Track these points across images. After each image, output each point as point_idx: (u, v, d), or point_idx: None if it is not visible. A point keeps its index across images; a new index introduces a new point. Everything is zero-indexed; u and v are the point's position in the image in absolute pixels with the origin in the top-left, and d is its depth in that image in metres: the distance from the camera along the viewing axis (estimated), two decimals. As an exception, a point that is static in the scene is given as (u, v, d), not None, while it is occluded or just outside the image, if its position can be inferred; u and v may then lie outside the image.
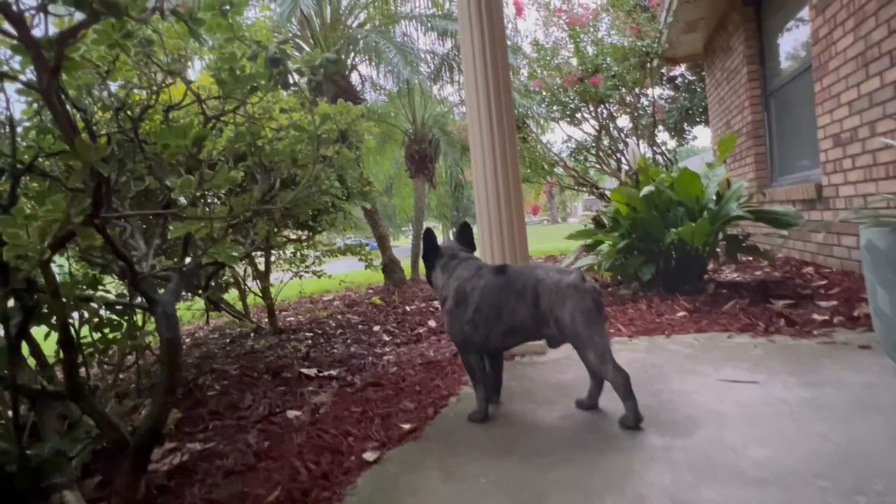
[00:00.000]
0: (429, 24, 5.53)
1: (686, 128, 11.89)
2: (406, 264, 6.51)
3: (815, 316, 2.73)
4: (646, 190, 3.67)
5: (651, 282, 3.76)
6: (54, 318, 1.43)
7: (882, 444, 1.37)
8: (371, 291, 6.18)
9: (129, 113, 1.63)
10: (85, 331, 1.72)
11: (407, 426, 1.80)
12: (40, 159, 1.37)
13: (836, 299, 3.01)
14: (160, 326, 1.63)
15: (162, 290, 1.79)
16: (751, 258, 4.77)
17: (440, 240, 2.05)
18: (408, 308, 4.70)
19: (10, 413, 1.41)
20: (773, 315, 2.83)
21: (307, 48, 5.28)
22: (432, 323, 3.92)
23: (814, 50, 4.15)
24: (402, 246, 13.19)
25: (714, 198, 3.73)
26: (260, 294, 4.26)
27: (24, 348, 1.54)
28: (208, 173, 1.55)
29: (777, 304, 3.07)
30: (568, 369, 2.32)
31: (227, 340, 4.08)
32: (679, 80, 12.03)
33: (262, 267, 4.11)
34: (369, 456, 1.59)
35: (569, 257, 4.89)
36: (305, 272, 4.22)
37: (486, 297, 1.79)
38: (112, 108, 1.56)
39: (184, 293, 3.27)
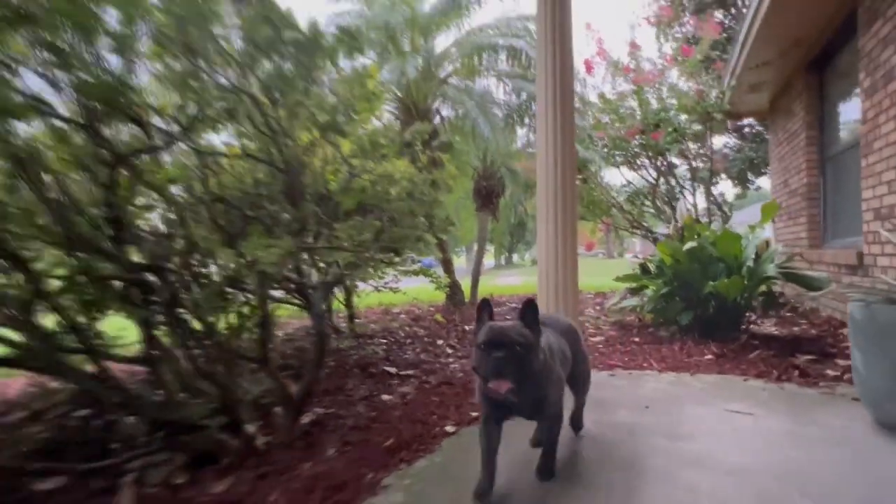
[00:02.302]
0: (505, 81, 6.29)
1: (750, 177, 11.97)
2: (465, 284, 7.19)
3: (829, 371, 3.13)
4: (689, 245, 4.16)
5: (688, 326, 4.21)
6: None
7: (830, 466, 1.87)
8: (433, 309, 6.88)
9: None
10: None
11: (475, 413, 2.43)
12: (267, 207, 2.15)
13: (853, 359, 3.37)
14: (315, 323, 2.36)
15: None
16: (791, 314, 5.08)
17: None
18: (466, 327, 5.34)
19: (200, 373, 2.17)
20: (790, 367, 3.25)
21: (398, 93, 6.18)
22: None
23: (862, 129, 4.52)
24: (457, 267, 13.97)
25: (753, 257, 4.16)
26: (343, 301, 5.04)
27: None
28: (361, 221, 2.29)
29: (800, 358, 3.47)
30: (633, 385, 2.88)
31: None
32: (746, 129, 12.16)
33: (348, 281, 4.90)
34: (449, 428, 2.24)
35: (616, 297, 5.38)
36: (384, 287, 4.97)
37: (557, 353, 1.81)
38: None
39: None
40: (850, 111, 5.59)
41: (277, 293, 2.65)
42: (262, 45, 1.91)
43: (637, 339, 4.28)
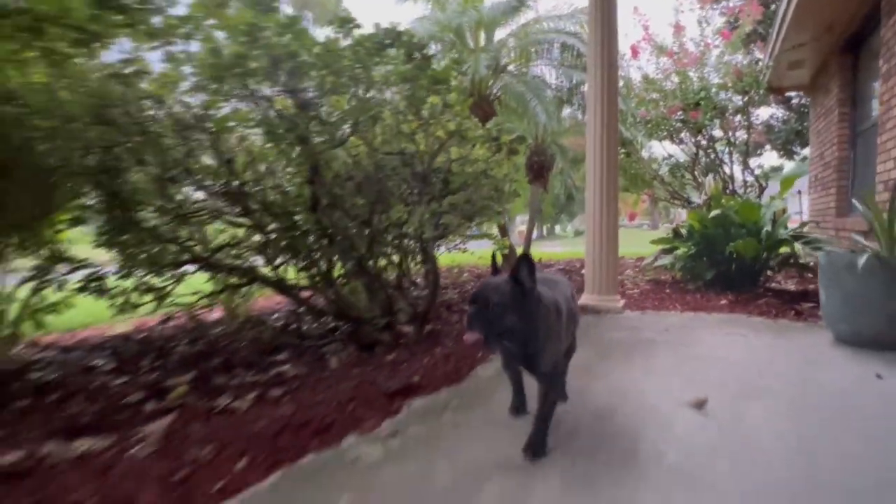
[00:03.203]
0: (557, 69, 7.09)
1: (794, 149, 12.20)
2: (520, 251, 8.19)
3: (821, 313, 3.96)
4: (714, 212, 4.97)
5: (711, 281, 5.06)
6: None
7: (787, 361, 2.79)
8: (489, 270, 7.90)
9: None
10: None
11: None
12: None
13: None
14: (430, 266, 3.42)
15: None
16: (811, 275, 5.80)
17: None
18: (522, 283, 6.35)
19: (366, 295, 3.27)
20: (790, 309, 4.09)
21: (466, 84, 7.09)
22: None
23: (880, 109, 5.11)
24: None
25: (770, 223, 4.93)
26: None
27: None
28: (463, 194, 3.30)
29: (803, 305, 4.29)
30: (660, 319, 3.85)
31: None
32: (795, 101, 12.31)
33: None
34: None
35: (650, 257, 6.24)
36: (456, 248, 6.02)
37: (566, 305, 1.88)
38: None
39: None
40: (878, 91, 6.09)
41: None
42: (407, 77, 2.91)
43: (667, 291, 5.17)
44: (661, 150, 9.34)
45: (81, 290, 2.92)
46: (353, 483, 1.54)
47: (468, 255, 6.82)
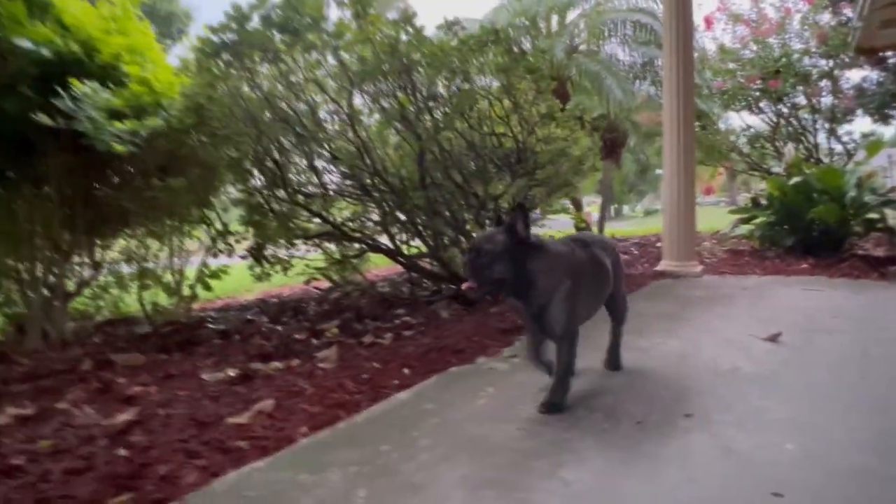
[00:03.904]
0: (630, 45, 7.22)
1: (892, 112, 11.40)
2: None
3: (906, 274, 4.03)
4: (794, 180, 5.05)
5: (791, 247, 5.15)
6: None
7: (858, 309, 3.01)
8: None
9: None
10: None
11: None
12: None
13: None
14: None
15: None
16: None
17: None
18: (597, 255, 6.66)
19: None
20: (874, 272, 4.18)
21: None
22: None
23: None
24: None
25: (854, 188, 4.94)
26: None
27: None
28: (552, 167, 3.72)
29: (889, 269, 4.34)
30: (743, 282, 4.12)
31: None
32: (892, 61, 11.44)
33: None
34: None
35: (727, 227, 6.34)
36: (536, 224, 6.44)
37: (594, 268, 1.83)
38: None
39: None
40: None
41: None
42: (503, 68, 3.35)
43: (746, 259, 5.32)
44: (738, 120, 9.15)
45: (245, 258, 3.66)
46: (494, 381, 2.06)
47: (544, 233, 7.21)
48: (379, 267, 5.45)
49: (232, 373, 2.54)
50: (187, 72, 2.95)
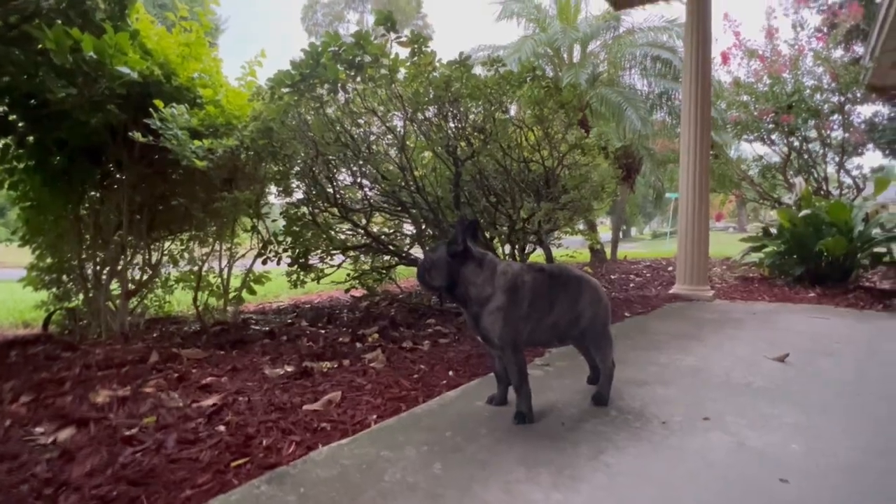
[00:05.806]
0: (649, 77, 7.58)
1: (901, 147, 11.65)
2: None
3: (908, 306, 4.27)
4: (804, 212, 5.31)
5: (800, 277, 5.39)
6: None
7: (862, 336, 3.25)
8: (578, 263, 8.53)
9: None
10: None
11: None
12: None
13: (935, 300, 4.43)
14: (547, 250, 4.17)
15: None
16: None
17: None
18: (612, 276, 6.92)
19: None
20: (877, 301, 4.42)
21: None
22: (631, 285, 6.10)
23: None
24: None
25: (862, 222, 5.19)
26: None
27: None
28: (576, 192, 4.02)
29: (894, 301, 4.57)
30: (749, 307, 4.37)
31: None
32: (902, 97, 11.72)
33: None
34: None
35: (738, 254, 6.58)
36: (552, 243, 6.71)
37: (539, 291, 1.84)
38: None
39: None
40: None
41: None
42: (537, 100, 3.67)
43: (755, 285, 5.57)
44: (750, 150, 9.44)
45: (290, 264, 3.96)
46: (532, 385, 2.33)
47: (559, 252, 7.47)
48: (407, 278, 5.74)
49: (290, 369, 2.82)
50: (258, 97, 3.28)
